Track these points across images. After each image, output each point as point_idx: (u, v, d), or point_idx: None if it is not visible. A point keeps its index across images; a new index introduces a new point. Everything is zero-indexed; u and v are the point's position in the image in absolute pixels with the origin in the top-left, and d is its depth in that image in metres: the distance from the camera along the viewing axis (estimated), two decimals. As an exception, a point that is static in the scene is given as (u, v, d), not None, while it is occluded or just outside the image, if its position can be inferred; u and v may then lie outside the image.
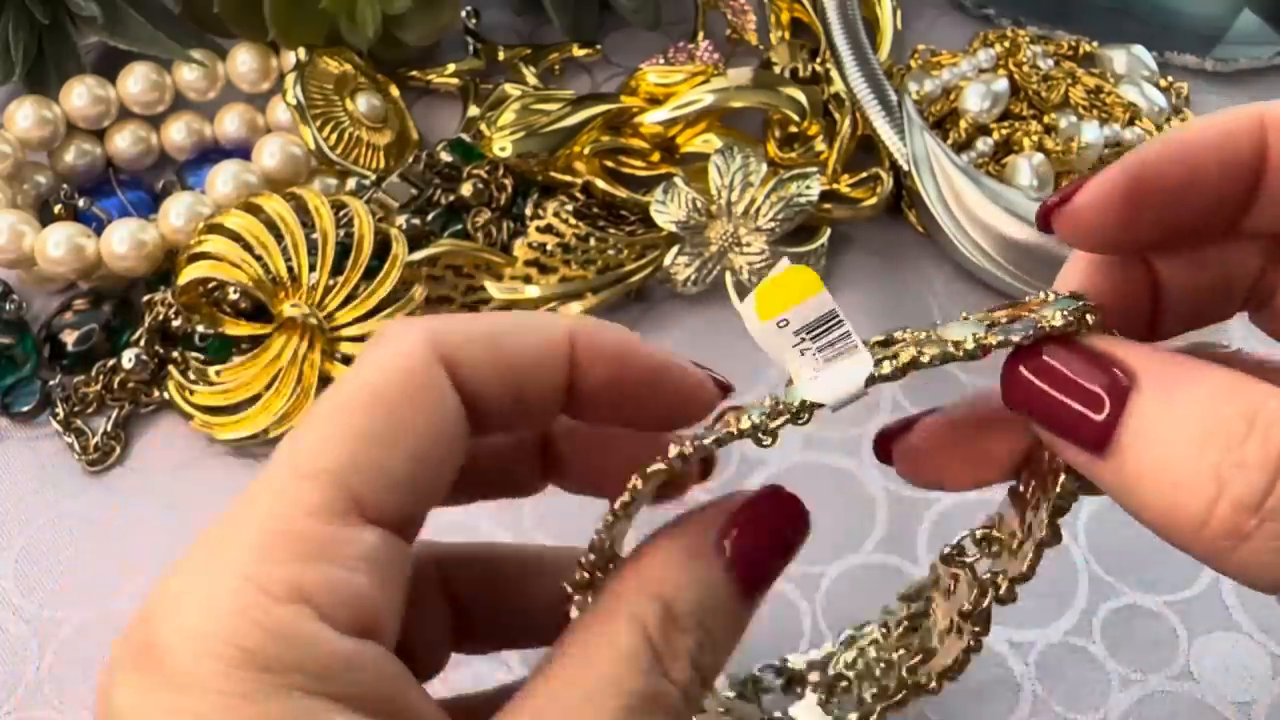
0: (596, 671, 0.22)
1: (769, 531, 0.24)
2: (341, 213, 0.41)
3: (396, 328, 0.23)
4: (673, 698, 0.22)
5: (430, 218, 0.44)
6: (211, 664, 0.20)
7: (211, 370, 0.41)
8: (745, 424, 0.23)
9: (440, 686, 0.25)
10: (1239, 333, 0.29)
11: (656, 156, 0.46)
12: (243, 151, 0.46)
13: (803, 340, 0.23)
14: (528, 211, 0.44)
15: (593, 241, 0.43)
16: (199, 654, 0.20)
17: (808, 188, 0.43)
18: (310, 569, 0.21)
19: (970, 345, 0.22)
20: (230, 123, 0.47)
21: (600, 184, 0.44)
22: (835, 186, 0.45)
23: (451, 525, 0.26)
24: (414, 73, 0.49)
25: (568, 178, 0.44)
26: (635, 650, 0.22)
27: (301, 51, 0.46)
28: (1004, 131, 0.46)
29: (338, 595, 0.21)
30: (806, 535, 0.25)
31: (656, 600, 0.23)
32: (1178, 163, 0.23)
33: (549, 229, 0.43)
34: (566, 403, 0.24)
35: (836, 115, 0.46)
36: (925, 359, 0.22)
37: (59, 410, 0.41)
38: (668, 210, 0.42)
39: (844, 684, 0.32)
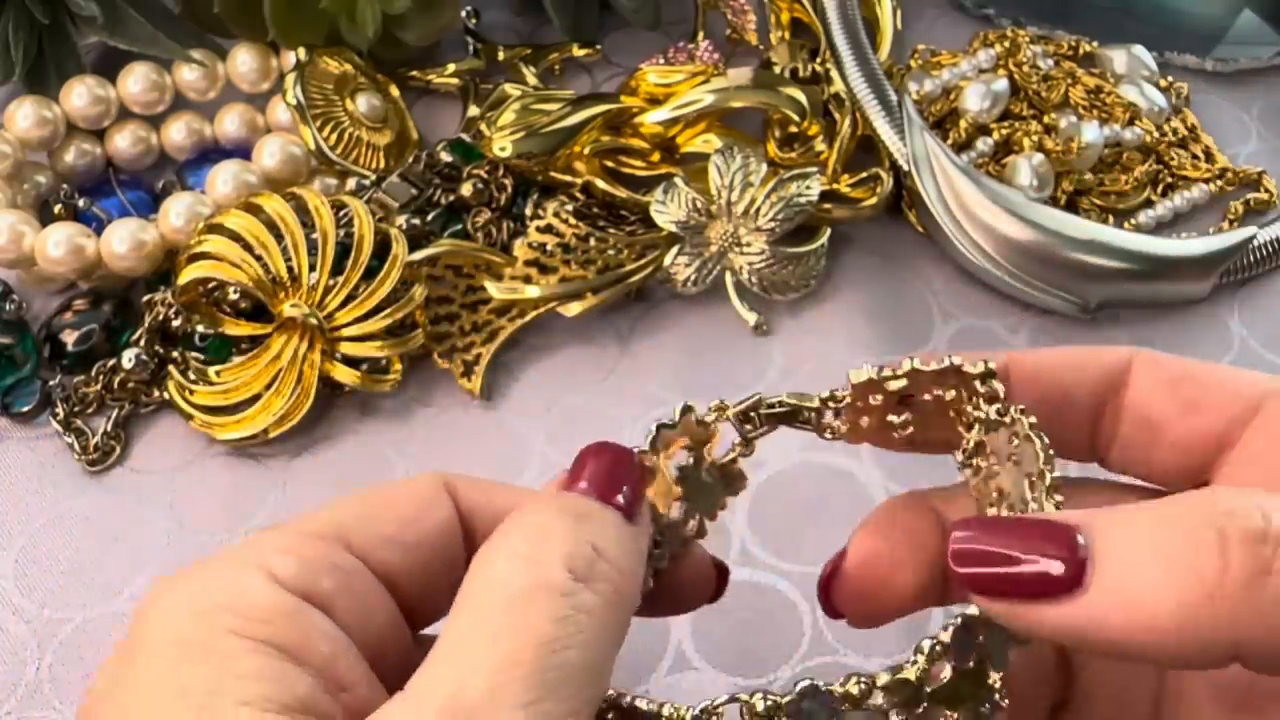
0: (474, 603, 0.23)
1: (599, 462, 0.26)
2: (341, 213, 0.41)
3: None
4: (551, 576, 0.22)
5: (430, 218, 0.44)
6: (162, 616, 0.23)
7: (211, 370, 0.41)
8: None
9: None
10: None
11: (656, 156, 0.46)
12: (243, 151, 0.46)
13: None
14: (528, 211, 0.44)
15: (593, 241, 0.43)
16: (161, 612, 0.23)
17: (808, 188, 0.43)
18: (275, 552, 0.24)
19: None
20: (230, 123, 0.47)
21: (600, 184, 0.44)
22: (835, 186, 0.45)
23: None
24: (414, 73, 0.49)
25: (568, 178, 0.44)
26: (505, 564, 0.23)
27: (301, 51, 0.46)
28: (1004, 131, 0.46)
29: (288, 562, 0.23)
30: (633, 455, 0.26)
31: (519, 526, 0.24)
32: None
33: (549, 229, 0.43)
34: None
35: (836, 115, 0.46)
36: None
37: (59, 410, 0.41)
38: (668, 210, 0.42)
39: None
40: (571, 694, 0.21)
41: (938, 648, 0.22)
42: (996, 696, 0.23)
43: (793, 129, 0.46)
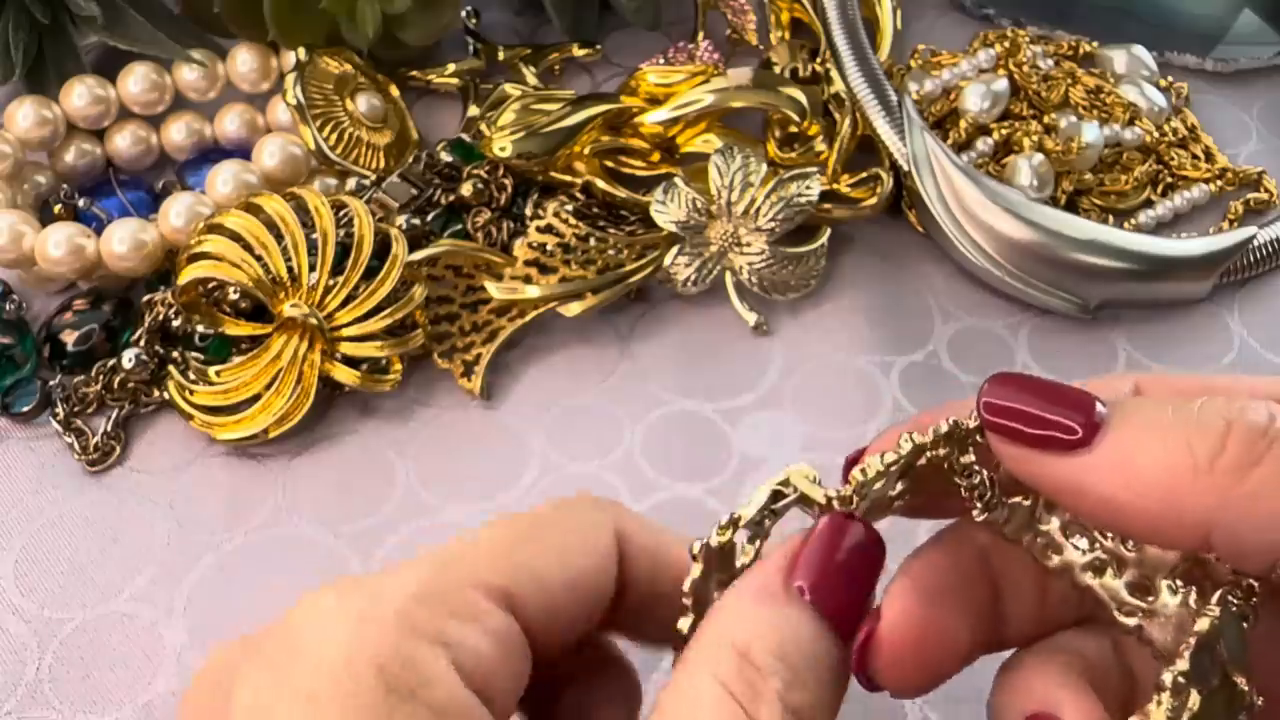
0: None
1: (836, 561, 0.23)
2: (341, 213, 0.41)
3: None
4: None
5: (430, 218, 0.44)
6: (348, 674, 0.21)
7: (211, 370, 0.41)
8: None
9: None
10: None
11: (656, 156, 0.46)
12: (243, 151, 0.46)
13: None
14: (528, 211, 0.44)
15: (593, 241, 0.43)
16: (339, 662, 0.21)
17: (808, 188, 0.43)
18: (456, 624, 0.22)
19: None
20: (230, 123, 0.47)
21: (600, 184, 0.44)
22: (835, 186, 0.45)
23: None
24: (414, 73, 0.49)
25: (568, 178, 0.44)
26: (715, 703, 0.22)
27: (301, 51, 0.46)
28: (1004, 131, 0.46)
29: (471, 652, 0.22)
30: (880, 558, 0.24)
31: (730, 648, 0.22)
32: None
33: (549, 229, 0.43)
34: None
35: (836, 115, 0.46)
36: None
37: (59, 410, 0.41)
38: (668, 210, 0.42)
39: None
40: None
41: (1180, 679, 0.21)
42: (1249, 701, 0.22)
43: (793, 129, 0.46)
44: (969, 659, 0.25)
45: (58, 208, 0.44)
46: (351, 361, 0.40)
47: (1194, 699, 0.21)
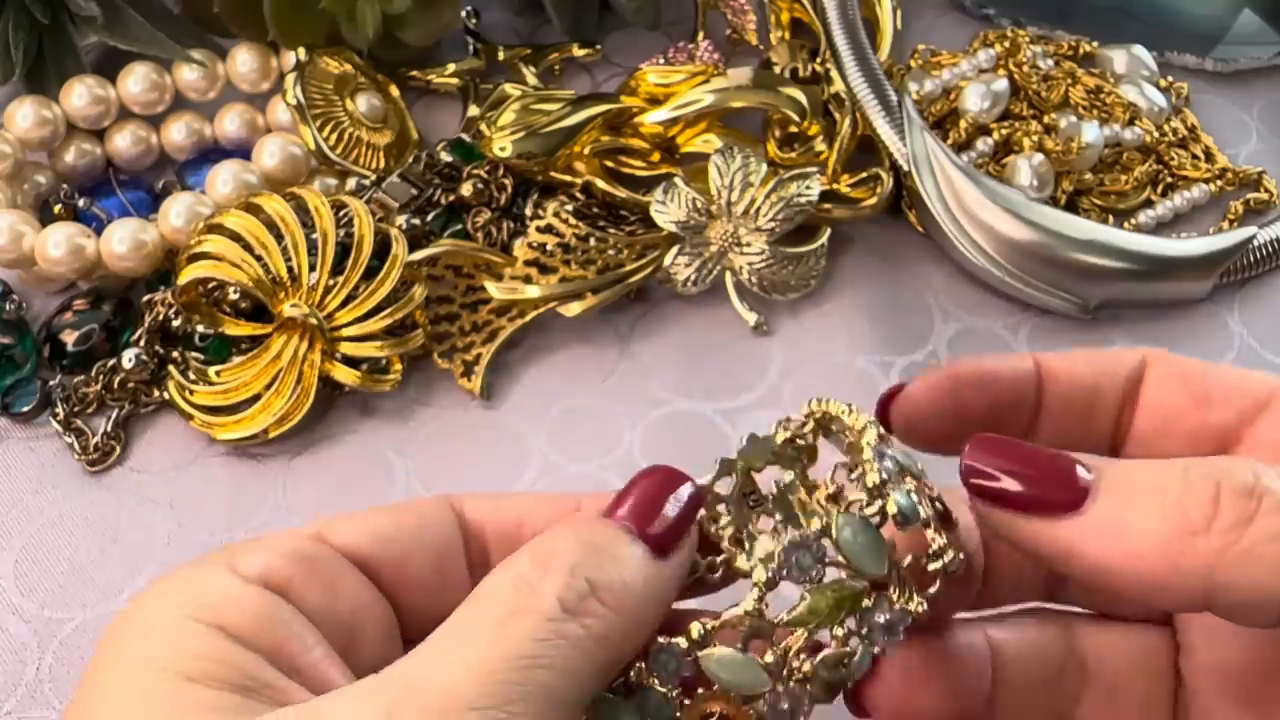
0: (463, 615, 0.23)
1: (644, 489, 0.26)
2: (341, 213, 0.41)
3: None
4: (541, 603, 0.23)
5: (430, 218, 0.44)
6: (134, 607, 0.25)
7: (211, 370, 0.41)
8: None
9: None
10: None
11: (656, 156, 0.46)
12: (243, 151, 0.46)
13: None
14: (528, 211, 0.44)
15: (593, 241, 0.43)
16: (135, 603, 0.25)
17: (808, 188, 0.43)
18: (245, 550, 0.26)
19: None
20: (230, 123, 0.47)
21: (600, 184, 0.44)
22: (835, 186, 0.45)
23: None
24: (414, 73, 0.49)
25: (568, 178, 0.44)
26: (505, 582, 0.23)
27: (301, 51, 0.46)
28: (1004, 131, 0.46)
29: (252, 557, 0.25)
30: (689, 485, 0.26)
31: (529, 550, 0.24)
32: (974, 378, 0.27)
33: (549, 229, 0.43)
34: None
35: (836, 115, 0.46)
36: None
37: (59, 410, 0.41)
38: (668, 210, 0.42)
39: None
40: (531, 712, 0.22)
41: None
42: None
43: (793, 129, 0.46)
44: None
45: (58, 208, 0.44)
46: (351, 361, 0.40)
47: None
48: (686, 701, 0.25)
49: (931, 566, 0.25)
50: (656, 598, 0.25)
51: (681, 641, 0.25)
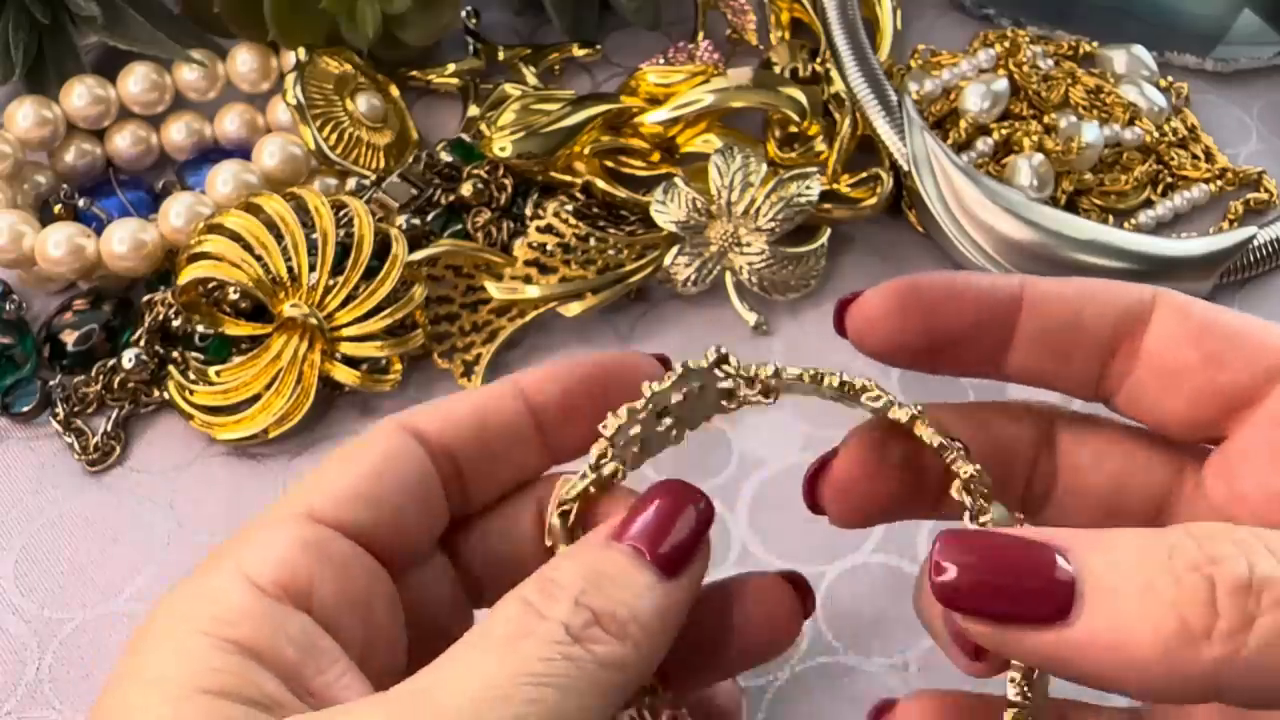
0: (472, 636, 0.23)
1: (656, 509, 0.25)
2: (341, 213, 0.41)
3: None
4: (549, 629, 0.23)
5: (430, 218, 0.44)
6: (151, 621, 0.25)
7: (211, 370, 0.41)
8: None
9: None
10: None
11: (656, 156, 0.46)
12: (243, 151, 0.46)
13: None
14: (528, 211, 0.44)
15: (593, 241, 0.43)
16: (152, 617, 0.25)
17: (808, 188, 0.43)
18: (251, 552, 0.25)
19: None
20: (230, 123, 0.47)
21: (600, 184, 0.44)
22: (835, 186, 0.45)
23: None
24: (414, 73, 0.49)
25: (568, 178, 0.44)
26: (513, 609, 0.23)
27: (301, 51, 0.46)
28: (1004, 131, 0.46)
29: (261, 564, 0.25)
30: (701, 502, 0.26)
31: (536, 577, 0.24)
32: (942, 283, 0.26)
33: (549, 229, 0.43)
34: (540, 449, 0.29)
35: (836, 115, 0.46)
36: None
37: (59, 410, 0.41)
38: (668, 210, 0.42)
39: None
40: None
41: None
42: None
43: (793, 129, 0.46)
44: (907, 512, 0.28)
45: (58, 208, 0.44)
46: (351, 361, 0.40)
47: None
48: None
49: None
50: (667, 619, 0.24)
51: None
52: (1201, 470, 0.26)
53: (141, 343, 0.41)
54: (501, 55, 0.49)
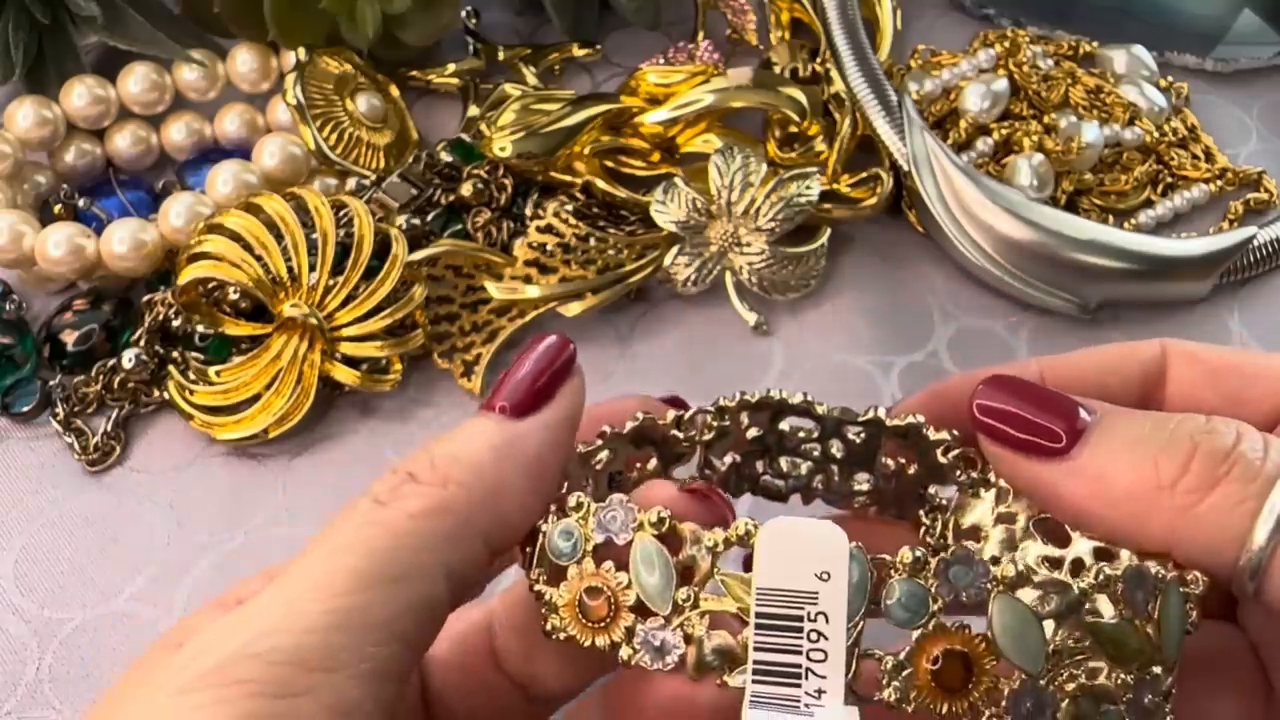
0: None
1: (512, 367, 0.26)
2: (341, 213, 0.41)
3: None
4: (359, 503, 0.23)
5: (430, 218, 0.44)
6: None
7: (211, 370, 0.41)
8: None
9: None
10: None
11: (656, 156, 0.46)
12: (243, 151, 0.46)
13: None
14: (528, 211, 0.44)
15: (593, 241, 0.43)
16: None
17: (808, 188, 0.43)
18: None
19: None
20: (230, 123, 0.47)
21: (600, 184, 0.44)
22: (835, 186, 0.45)
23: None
24: (414, 73, 0.49)
25: (568, 178, 0.44)
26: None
27: (301, 51, 0.46)
28: (1004, 131, 0.46)
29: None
30: (566, 350, 0.26)
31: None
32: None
33: (549, 229, 0.43)
34: None
35: (836, 115, 0.46)
36: None
37: (59, 410, 0.41)
38: (668, 210, 0.42)
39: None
40: (348, 589, 0.22)
41: (1102, 576, 0.21)
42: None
43: (793, 129, 0.46)
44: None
45: (58, 208, 0.44)
46: (351, 361, 0.40)
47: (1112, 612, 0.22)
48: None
49: None
50: (503, 451, 0.24)
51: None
52: None
53: (141, 343, 0.41)
54: (501, 55, 0.49)
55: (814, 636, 0.21)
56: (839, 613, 0.21)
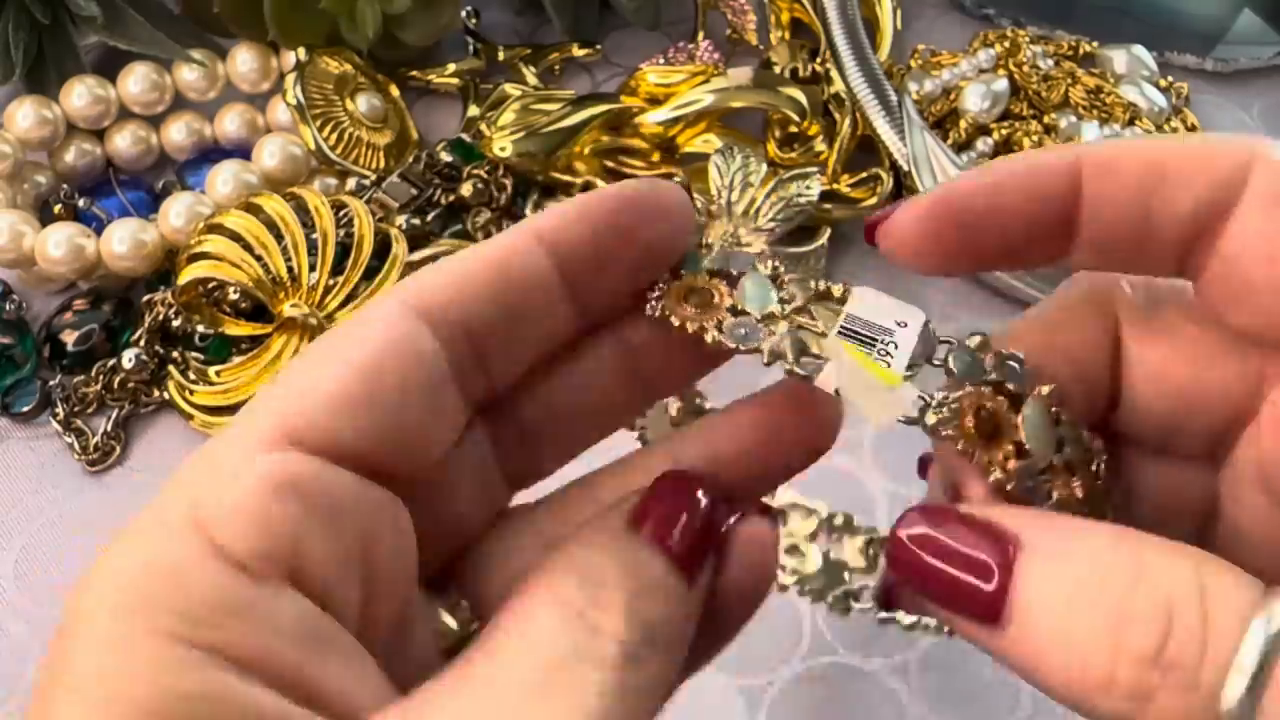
0: (515, 648, 0.19)
1: (677, 508, 0.22)
2: (341, 213, 0.41)
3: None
4: (605, 649, 0.19)
5: (430, 218, 0.44)
6: (95, 608, 0.19)
7: (211, 370, 0.41)
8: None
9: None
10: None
11: (656, 156, 0.46)
12: (243, 151, 0.46)
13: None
14: (528, 211, 0.44)
15: (593, 241, 0.43)
16: (94, 602, 0.19)
17: (808, 188, 0.43)
18: (221, 511, 0.19)
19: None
20: (230, 123, 0.47)
21: (600, 184, 0.44)
22: (835, 186, 0.45)
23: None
24: (414, 73, 0.49)
25: (568, 178, 0.44)
26: (553, 615, 0.20)
27: (301, 51, 0.46)
28: (1004, 131, 0.46)
29: (239, 530, 0.18)
30: (724, 512, 0.23)
31: (569, 570, 0.20)
32: (983, 190, 0.24)
33: (549, 229, 0.43)
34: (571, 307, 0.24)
35: (836, 115, 0.46)
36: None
37: (59, 410, 0.41)
38: (668, 210, 0.42)
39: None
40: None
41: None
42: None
43: (793, 129, 0.46)
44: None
45: (58, 208, 0.44)
46: (351, 361, 0.40)
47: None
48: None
49: None
50: (691, 628, 0.21)
51: None
52: None
53: (141, 343, 0.41)
54: (501, 55, 0.49)
55: (884, 354, 0.25)
56: (908, 347, 0.25)
